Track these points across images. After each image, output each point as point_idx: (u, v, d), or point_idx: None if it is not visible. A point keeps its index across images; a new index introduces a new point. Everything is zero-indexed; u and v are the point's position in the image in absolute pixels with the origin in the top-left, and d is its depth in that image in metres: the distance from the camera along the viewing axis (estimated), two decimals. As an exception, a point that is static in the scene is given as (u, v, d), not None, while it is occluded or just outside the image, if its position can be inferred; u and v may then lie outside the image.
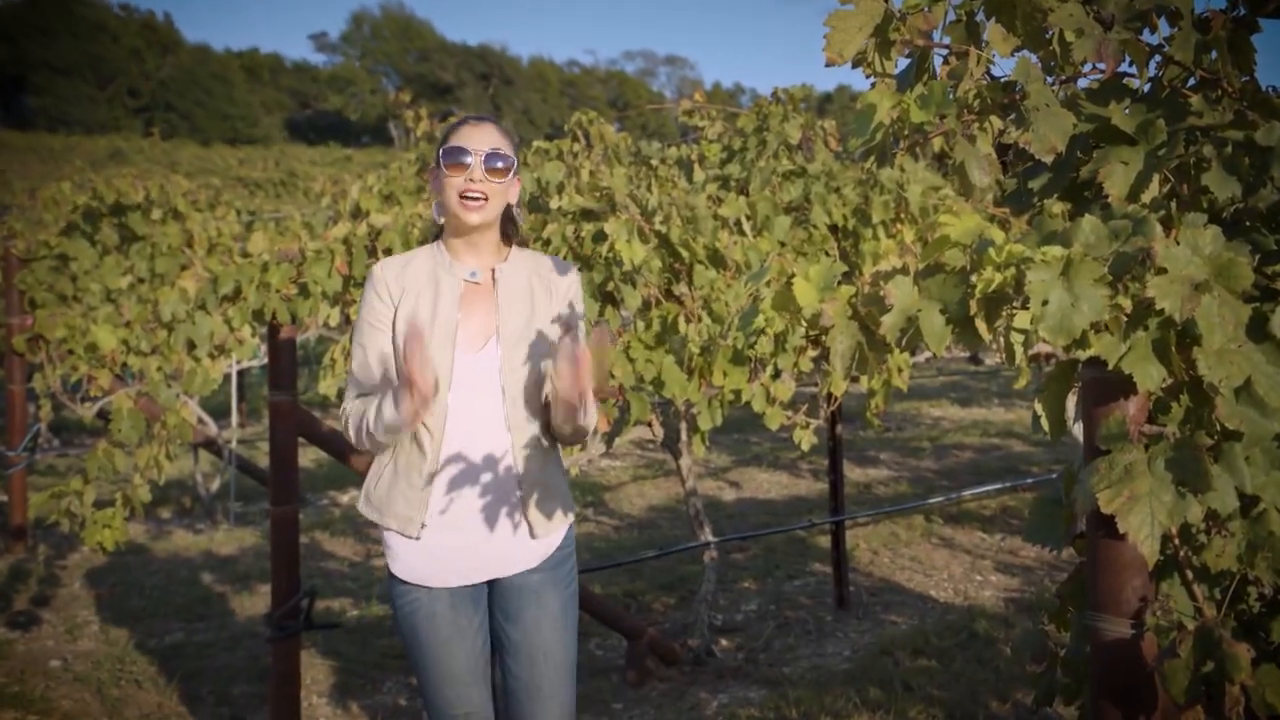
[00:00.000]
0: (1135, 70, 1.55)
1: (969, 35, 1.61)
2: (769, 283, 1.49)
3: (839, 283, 1.43)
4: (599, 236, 3.55)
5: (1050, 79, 1.59)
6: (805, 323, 1.45)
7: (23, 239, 6.19)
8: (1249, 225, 1.50)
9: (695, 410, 3.50)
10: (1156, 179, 1.49)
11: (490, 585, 2.25)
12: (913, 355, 4.59)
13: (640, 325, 3.49)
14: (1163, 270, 1.25)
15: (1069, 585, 1.66)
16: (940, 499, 6.32)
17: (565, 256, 3.55)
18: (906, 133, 1.58)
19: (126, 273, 5.91)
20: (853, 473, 7.61)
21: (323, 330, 7.39)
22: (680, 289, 3.61)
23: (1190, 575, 1.43)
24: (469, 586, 2.20)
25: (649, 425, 3.79)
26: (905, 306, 1.37)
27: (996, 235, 1.43)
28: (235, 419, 8.57)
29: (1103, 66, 1.50)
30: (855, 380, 4.07)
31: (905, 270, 1.42)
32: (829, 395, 3.89)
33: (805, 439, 3.86)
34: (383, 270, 2.21)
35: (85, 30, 47.86)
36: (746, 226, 3.98)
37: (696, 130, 5.29)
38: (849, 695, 3.64)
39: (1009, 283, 1.33)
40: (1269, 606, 1.48)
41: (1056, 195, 1.64)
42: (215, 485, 7.19)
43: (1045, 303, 1.27)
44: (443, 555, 2.16)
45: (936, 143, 1.77)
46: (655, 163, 4.63)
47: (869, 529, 6.02)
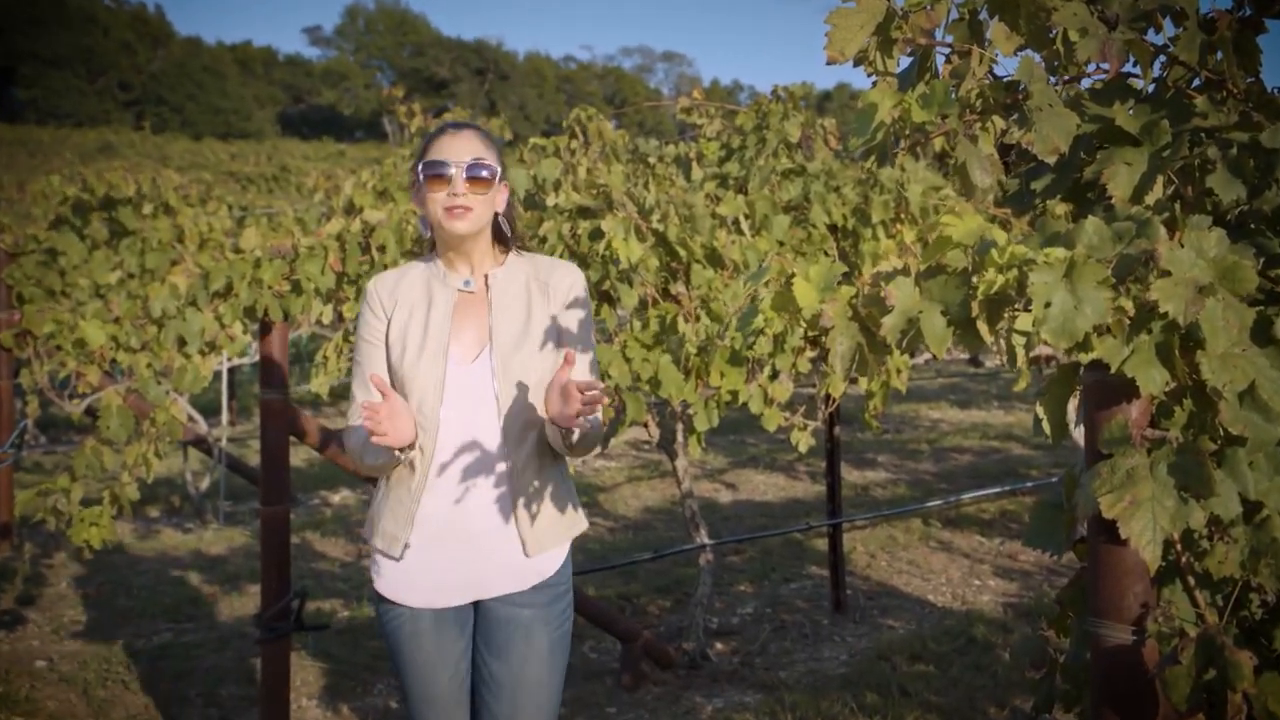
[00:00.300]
0: (1139, 70, 1.55)
1: (972, 34, 1.61)
2: (768, 283, 1.49)
3: (839, 283, 1.43)
4: (596, 234, 3.55)
5: (1053, 79, 1.59)
6: (805, 323, 1.45)
7: (10, 233, 6.19)
8: (1254, 228, 1.50)
9: (692, 411, 3.50)
10: (1160, 180, 1.49)
11: (476, 612, 2.17)
12: (912, 357, 4.60)
13: (637, 325, 3.49)
14: (1166, 273, 1.26)
15: (1069, 590, 1.66)
16: (939, 502, 6.33)
17: (561, 255, 3.55)
18: (908, 132, 1.58)
19: (116, 268, 5.89)
20: (850, 475, 7.62)
21: (315, 328, 7.38)
22: (677, 288, 3.61)
23: (1192, 581, 1.43)
24: (454, 608, 2.14)
25: (644, 426, 3.79)
26: (906, 308, 1.37)
27: (999, 236, 1.43)
28: (226, 417, 8.57)
29: (1107, 66, 1.50)
30: (854, 382, 4.07)
31: (906, 271, 1.42)
32: (827, 396, 3.90)
33: (803, 441, 3.86)
34: (376, 285, 2.18)
35: (75, 22, 47.80)
36: (745, 225, 3.98)
37: (694, 128, 5.28)
38: (845, 700, 3.64)
39: (1011, 284, 1.33)
40: (1272, 613, 1.48)
41: (1059, 196, 1.64)
42: (205, 484, 7.19)
43: (1048, 305, 1.28)
44: (427, 574, 2.10)
45: (938, 142, 1.77)
46: (653, 160, 4.63)
47: (866, 532, 6.03)
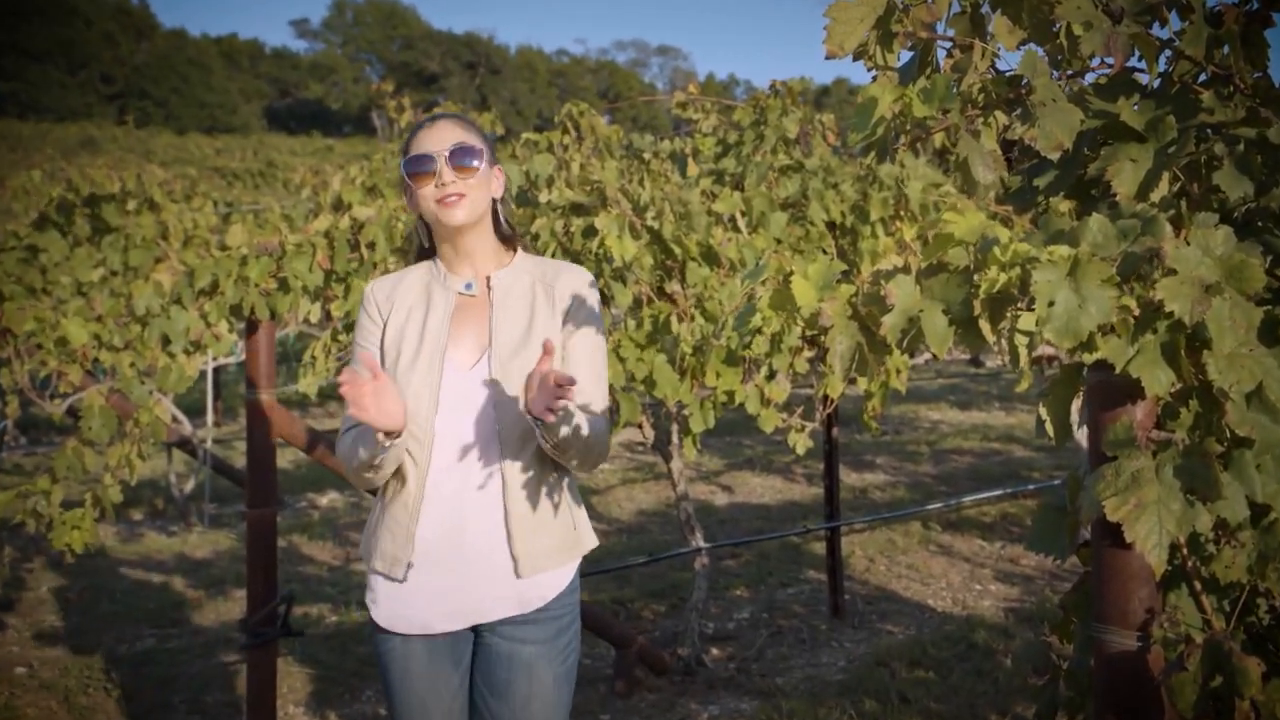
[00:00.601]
0: (1145, 65, 1.55)
1: (974, 28, 1.61)
2: (766, 281, 1.49)
3: (838, 281, 1.43)
4: (589, 232, 3.54)
5: (1057, 73, 1.59)
6: (803, 322, 1.44)
7: (-10, 229, 6.16)
8: (1261, 225, 1.50)
9: (687, 412, 3.49)
10: (1166, 177, 1.49)
11: (476, 646, 2.08)
12: (912, 357, 4.60)
13: (631, 324, 3.48)
14: (1172, 271, 1.25)
15: (1073, 595, 1.66)
16: (939, 505, 6.33)
17: (554, 253, 3.54)
18: (908, 128, 1.58)
19: (98, 265, 5.87)
20: (849, 477, 7.63)
21: (303, 326, 7.36)
22: (673, 287, 3.61)
23: (1199, 586, 1.43)
24: (449, 636, 2.04)
25: (639, 427, 3.79)
26: (907, 306, 1.37)
27: (1001, 234, 1.43)
28: (211, 418, 8.55)
29: (1111, 61, 1.50)
30: (852, 382, 4.07)
31: (907, 269, 1.41)
32: (825, 397, 3.89)
33: (800, 442, 3.86)
34: (374, 288, 2.12)
35: (56, 14, 47.66)
36: (741, 223, 3.98)
37: (690, 123, 5.28)
38: (844, 707, 3.64)
39: (1014, 283, 1.32)
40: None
41: (1063, 193, 1.64)
42: (189, 486, 7.16)
43: (1051, 304, 1.27)
44: (425, 598, 2.01)
45: (938, 138, 1.77)
46: (648, 157, 4.62)
47: (865, 535, 6.03)
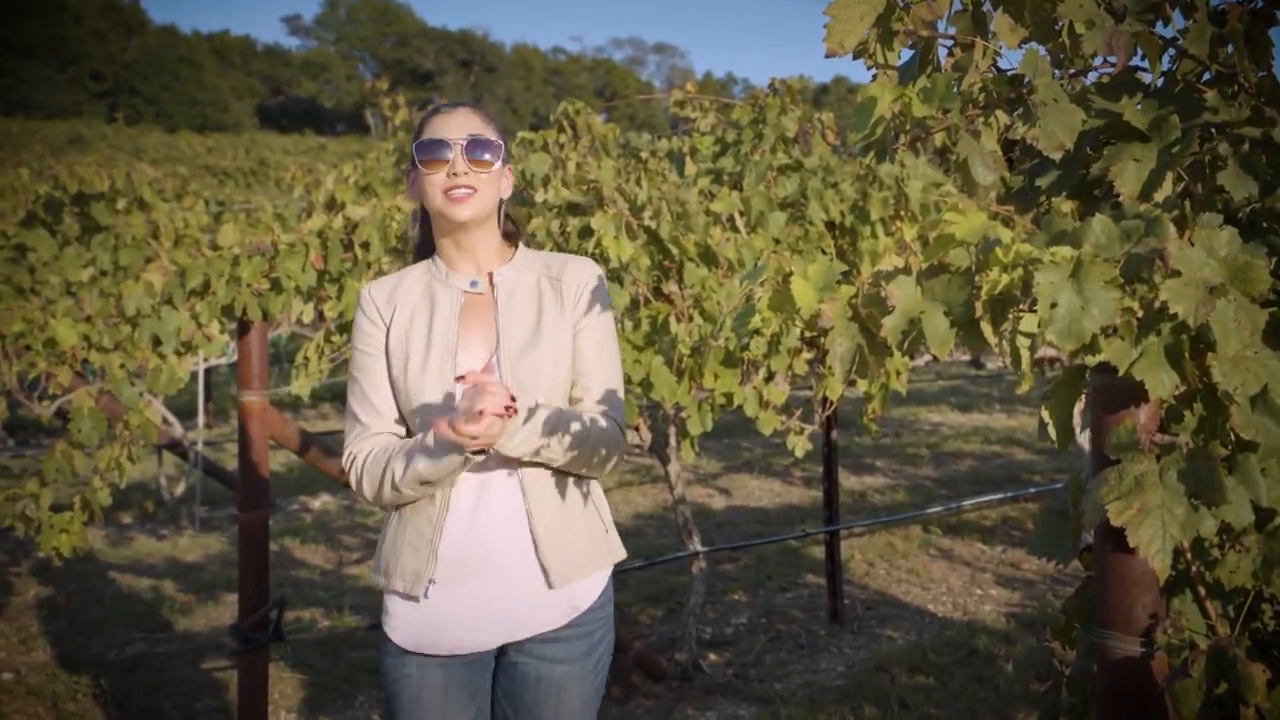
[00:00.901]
0: (1148, 64, 1.55)
1: (975, 26, 1.61)
2: (764, 282, 1.49)
3: (838, 282, 1.43)
4: (585, 232, 3.54)
5: (1059, 72, 1.59)
6: (802, 324, 1.44)
7: (-22, 228, 6.15)
8: (1266, 226, 1.50)
9: (684, 414, 3.49)
10: (1170, 177, 1.49)
11: (499, 668, 2.01)
12: (912, 359, 4.60)
13: (628, 325, 3.49)
14: (1176, 273, 1.25)
15: (1075, 600, 1.66)
16: (939, 509, 6.34)
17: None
18: (908, 127, 1.58)
19: (88, 265, 5.88)
20: (848, 480, 7.63)
21: (295, 327, 7.37)
22: (670, 287, 3.61)
23: (1203, 592, 1.43)
24: (470, 663, 1.97)
25: (636, 429, 3.79)
26: (908, 308, 1.37)
27: (1003, 234, 1.43)
28: (202, 419, 8.54)
29: (1114, 60, 1.50)
30: (852, 384, 4.07)
31: (908, 270, 1.41)
32: (824, 399, 3.89)
33: (799, 445, 3.86)
34: (371, 290, 2.05)
35: (45, 9, 47.57)
36: (740, 223, 3.98)
37: (688, 122, 5.28)
38: (843, 713, 3.64)
39: (1016, 284, 1.32)
40: (1284, 624, 1.49)
41: (1065, 194, 1.64)
42: (180, 489, 7.16)
43: (1054, 305, 1.27)
44: (452, 616, 1.93)
45: (939, 138, 1.77)
46: (645, 156, 4.63)
47: (865, 539, 6.03)
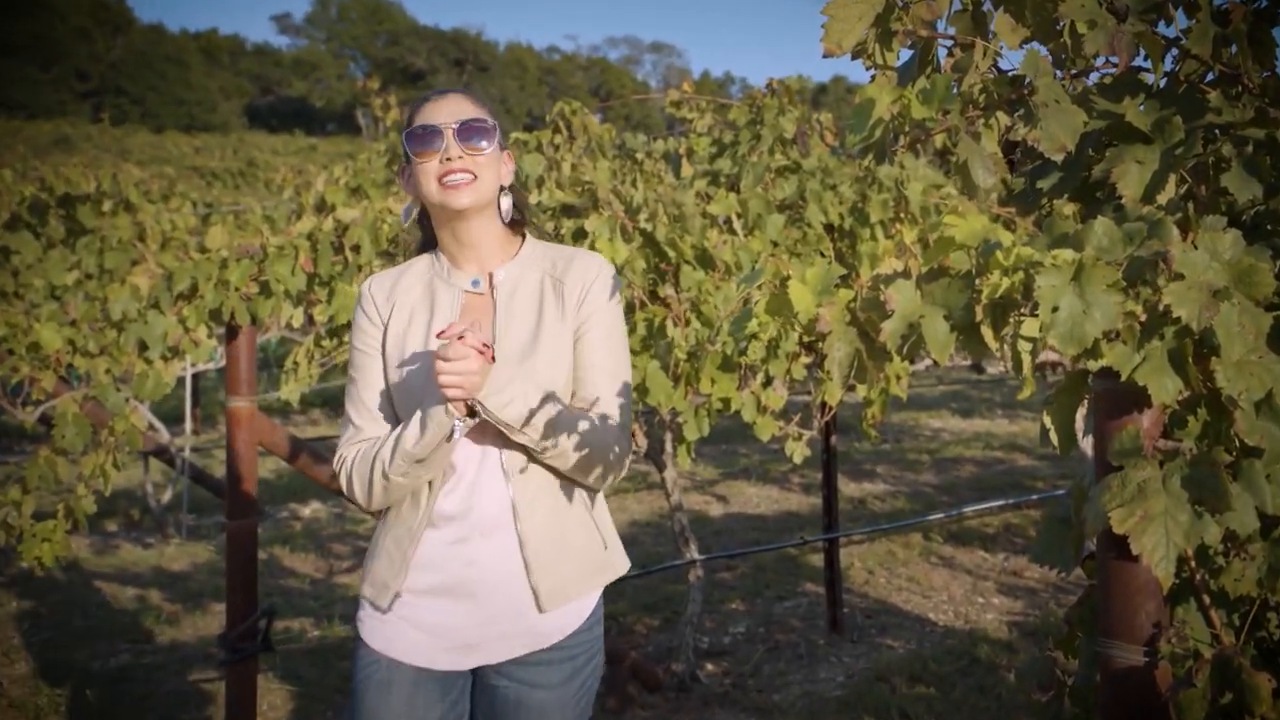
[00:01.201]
0: (1150, 64, 1.55)
1: (975, 26, 1.61)
2: (762, 285, 1.49)
3: (837, 286, 1.43)
4: (580, 234, 3.54)
5: (1060, 73, 1.59)
6: (800, 328, 1.44)
7: (-40, 231, 6.15)
8: (1270, 229, 1.51)
9: (681, 419, 3.49)
10: (1173, 179, 1.50)
11: (476, 687, 1.91)
12: (912, 363, 4.60)
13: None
14: (1179, 276, 1.26)
15: (1078, 609, 1.66)
16: (940, 516, 6.34)
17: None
18: (907, 129, 1.58)
19: (73, 268, 5.87)
20: (847, 487, 7.64)
21: (285, 332, 7.36)
22: (666, 290, 3.61)
23: (1207, 600, 1.43)
24: (444, 671, 1.88)
25: (632, 435, 3.79)
26: (907, 312, 1.37)
27: (1004, 237, 1.43)
28: (189, 426, 8.53)
29: (1116, 60, 1.50)
30: (851, 389, 4.08)
31: (907, 273, 1.42)
32: (823, 404, 3.90)
33: (798, 451, 3.86)
34: (371, 286, 1.97)
35: (29, 7, 47.53)
36: (737, 225, 3.99)
37: (684, 123, 5.29)
38: (842, 724, 3.64)
39: (1017, 288, 1.33)
40: (1289, 633, 1.49)
41: (1066, 196, 1.64)
42: (166, 496, 7.15)
43: (1055, 309, 1.27)
44: (416, 635, 1.86)
45: (939, 139, 1.77)
46: (641, 157, 4.63)
47: (864, 547, 6.04)
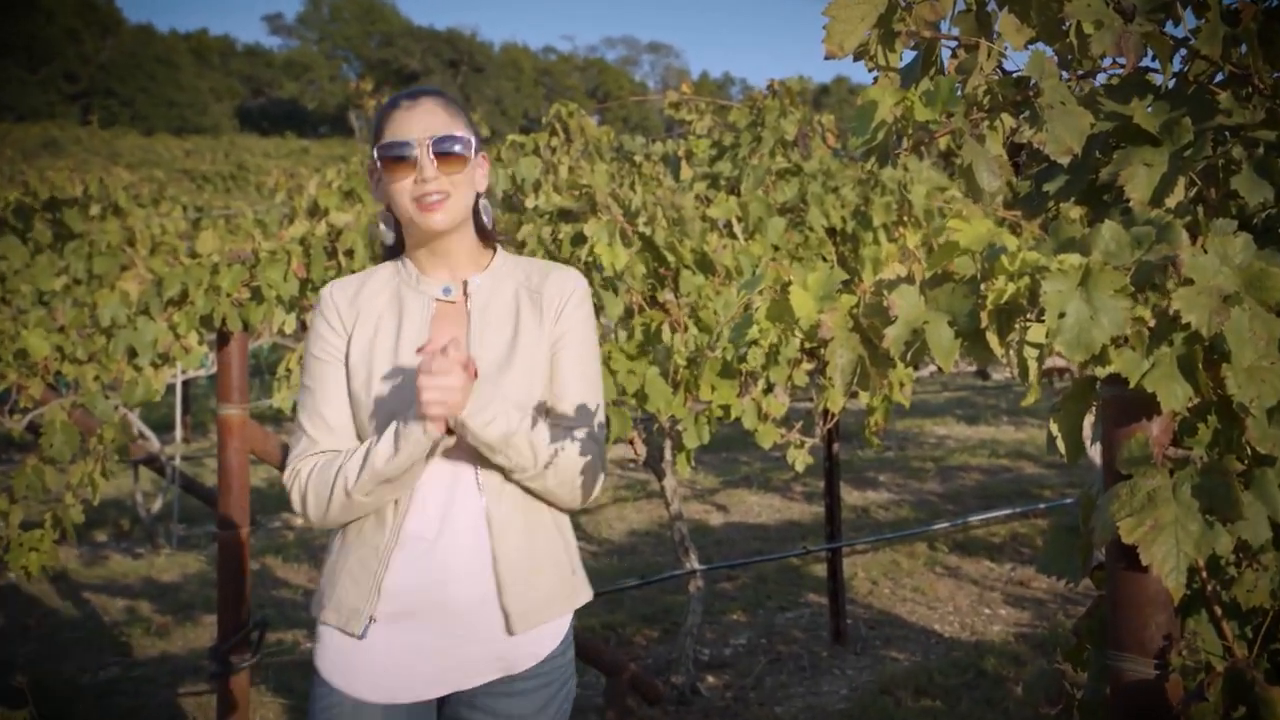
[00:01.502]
0: (1158, 65, 1.56)
1: (979, 26, 1.62)
2: (763, 291, 1.49)
3: (839, 292, 1.43)
4: (578, 239, 3.54)
5: (1066, 74, 1.59)
6: (802, 334, 1.45)
7: (-54, 236, 6.15)
8: (1281, 232, 1.51)
9: (680, 427, 3.49)
10: (1182, 182, 1.50)
11: (442, 717, 1.87)
12: (916, 369, 4.61)
13: (622, 335, 3.49)
14: (1189, 281, 1.26)
15: (1086, 621, 1.66)
16: (945, 525, 6.33)
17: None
18: (911, 131, 1.58)
19: (61, 273, 5.88)
20: (850, 496, 7.63)
21: (277, 338, 7.36)
22: (665, 296, 3.61)
23: (1219, 612, 1.43)
24: (409, 710, 1.83)
25: (630, 443, 3.78)
26: (911, 318, 1.37)
27: (1009, 241, 1.43)
28: (179, 434, 8.53)
29: (1123, 61, 1.50)
30: (854, 396, 4.08)
31: (910, 279, 1.42)
32: (825, 411, 3.90)
33: (800, 459, 3.86)
34: (334, 292, 1.91)
35: (15, 7, 47.59)
36: (737, 229, 3.99)
37: (683, 124, 5.30)
38: (846, 738, 3.64)
39: (1023, 293, 1.33)
40: (1302, 645, 1.48)
41: (1073, 199, 1.64)
42: (156, 506, 7.14)
43: (1062, 315, 1.27)
44: (393, 659, 1.80)
45: (943, 141, 1.77)
46: (639, 159, 4.64)
47: (868, 557, 6.03)
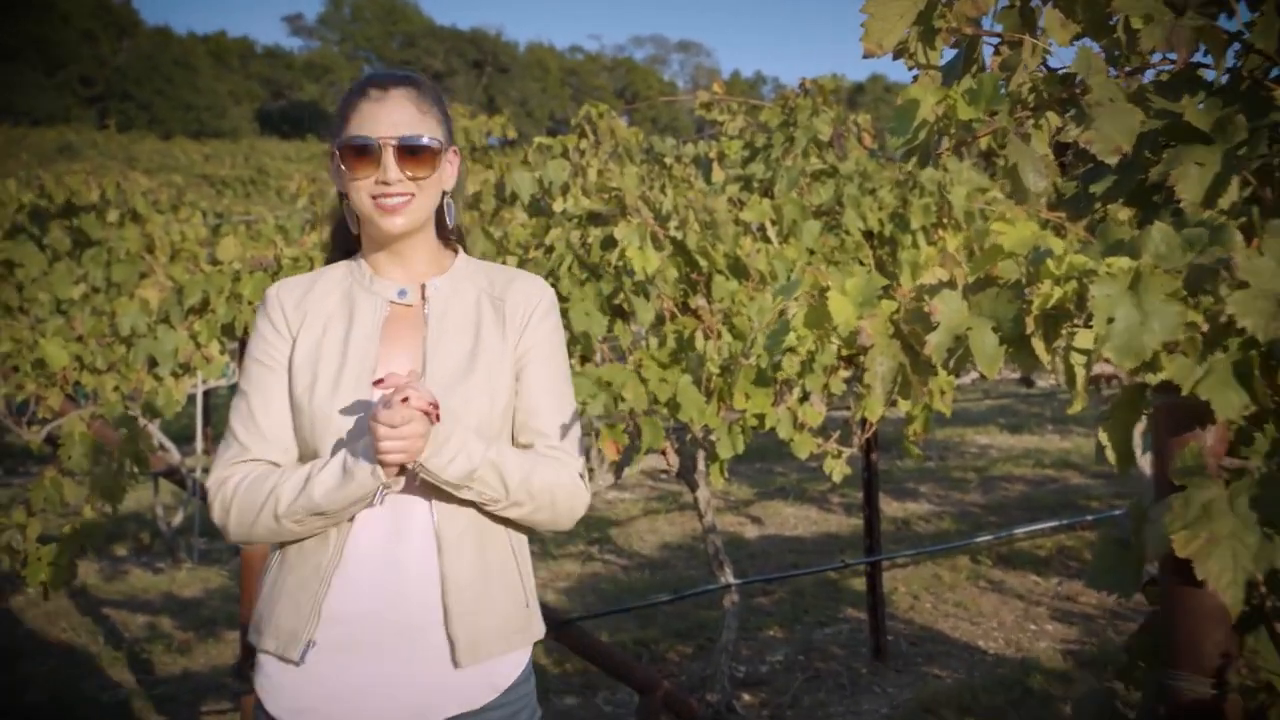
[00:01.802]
0: (1211, 60, 1.55)
1: (1023, 22, 1.62)
2: (799, 296, 1.49)
3: (879, 298, 1.43)
4: (608, 243, 3.55)
5: (1114, 71, 1.59)
6: (840, 341, 1.45)
7: (-37, 244, 6.23)
8: (1340, 233, 1.49)
9: (714, 437, 3.49)
10: (1236, 182, 1.49)
11: None
12: (958, 377, 4.58)
13: (653, 342, 3.49)
14: (1244, 284, 1.25)
15: (1139, 637, 1.65)
16: (989, 537, 6.30)
17: (570, 265, 3.55)
18: (953, 131, 1.58)
19: (79, 281, 5.94)
20: (890, 507, 7.60)
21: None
22: (698, 301, 3.61)
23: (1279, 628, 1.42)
24: None
25: (662, 453, 3.78)
26: (954, 324, 1.37)
27: (1055, 244, 1.43)
28: (200, 445, 8.59)
29: (1174, 56, 1.50)
30: (893, 404, 4.06)
31: (953, 283, 1.42)
32: (863, 420, 3.88)
33: (837, 469, 3.85)
34: (280, 292, 1.81)
35: (32, 10, 48.22)
36: (771, 232, 3.99)
37: (715, 125, 5.30)
38: (887, 759, 3.62)
39: (1070, 297, 1.32)
40: (1366, 663, 1.47)
41: (1121, 200, 1.64)
42: (178, 519, 7.20)
43: (1111, 320, 1.27)
44: (333, 689, 1.70)
45: (983, 141, 1.77)
46: (670, 161, 4.65)
47: (909, 570, 6.00)
